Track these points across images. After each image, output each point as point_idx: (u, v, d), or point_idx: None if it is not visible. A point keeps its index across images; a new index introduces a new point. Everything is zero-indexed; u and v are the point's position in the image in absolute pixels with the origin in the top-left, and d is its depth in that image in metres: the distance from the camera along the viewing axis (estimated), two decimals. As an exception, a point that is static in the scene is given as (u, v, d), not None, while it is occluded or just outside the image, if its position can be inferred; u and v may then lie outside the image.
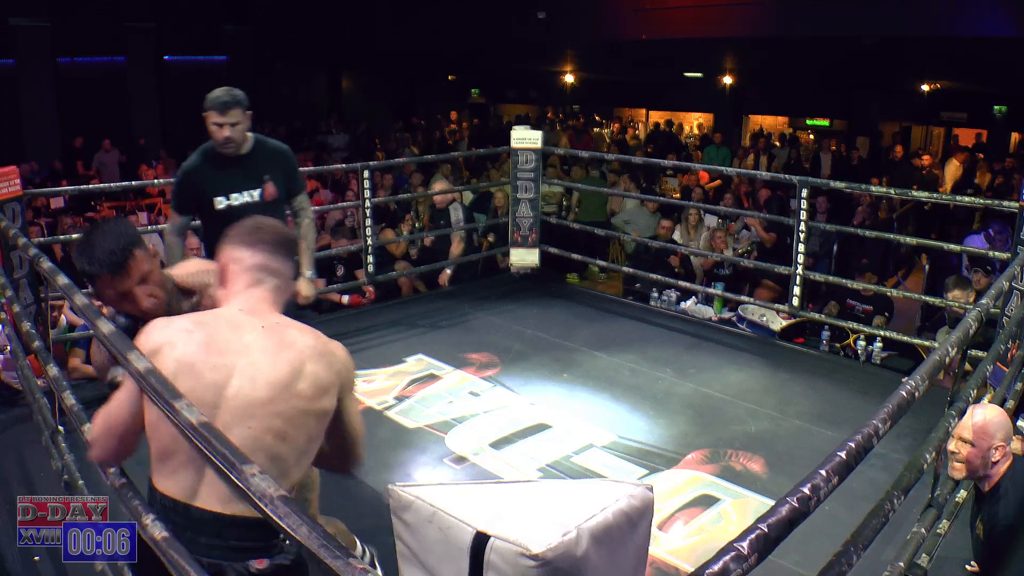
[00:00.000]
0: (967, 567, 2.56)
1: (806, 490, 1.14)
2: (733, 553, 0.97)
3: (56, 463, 2.54)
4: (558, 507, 1.09)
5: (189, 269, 2.03)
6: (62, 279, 2.23)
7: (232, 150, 3.00)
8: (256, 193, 3.06)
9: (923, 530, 2.01)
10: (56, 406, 2.62)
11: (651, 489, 1.13)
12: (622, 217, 7.48)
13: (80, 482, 2.25)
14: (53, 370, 2.33)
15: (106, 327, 1.69)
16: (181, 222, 3.14)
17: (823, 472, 1.19)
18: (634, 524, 1.10)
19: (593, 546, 1.03)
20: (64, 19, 12.59)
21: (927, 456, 1.87)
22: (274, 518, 1.03)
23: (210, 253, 3.02)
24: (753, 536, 1.01)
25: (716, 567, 0.95)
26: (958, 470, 2.23)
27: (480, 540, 1.03)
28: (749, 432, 3.64)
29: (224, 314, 1.56)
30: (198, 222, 3.19)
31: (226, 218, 2.91)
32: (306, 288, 3.19)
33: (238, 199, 3.03)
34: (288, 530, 1.01)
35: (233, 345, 1.47)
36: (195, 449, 1.22)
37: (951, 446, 2.22)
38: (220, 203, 3.02)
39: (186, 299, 1.94)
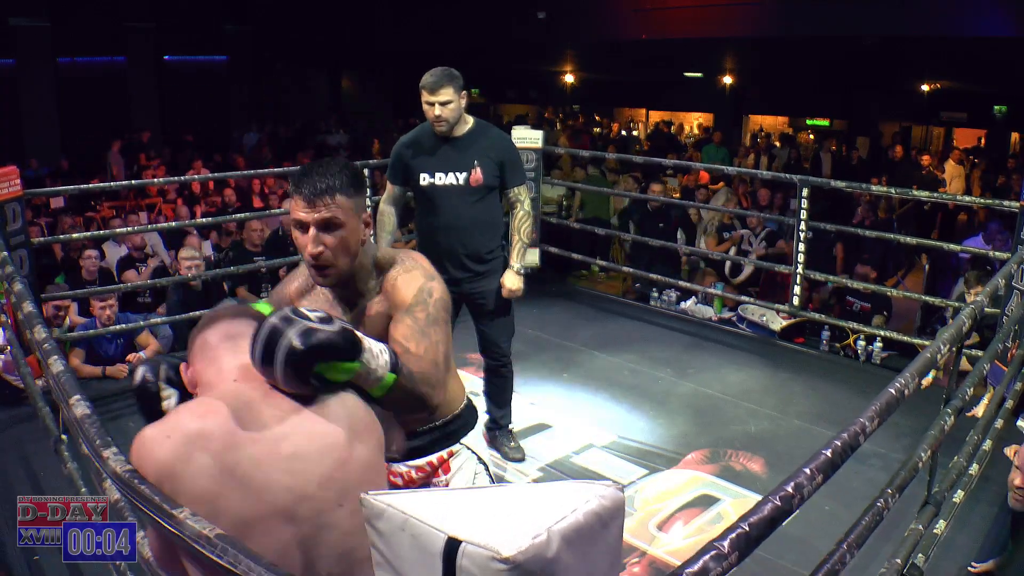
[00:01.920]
0: (970, 568, 2.56)
1: (789, 488, 1.14)
2: (713, 552, 0.97)
3: (69, 466, 2.54)
4: (529, 510, 1.09)
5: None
6: (28, 307, 2.23)
7: (444, 129, 2.98)
8: (462, 176, 3.02)
9: (920, 527, 2.01)
10: (60, 413, 2.61)
11: (622, 489, 1.14)
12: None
13: (83, 489, 2.25)
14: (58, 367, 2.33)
15: (56, 367, 1.67)
16: (394, 192, 3.17)
17: (807, 470, 1.20)
18: (606, 524, 1.10)
19: (564, 548, 1.03)
20: (64, 19, 12.60)
21: (922, 455, 1.87)
22: (212, 558, 1.01)
23: (419, 232, 3.18)
24: (734, 535, 1.01)
25: (696, 566, 0.95)
26: (1020, 502, 2.23)
27: (452, 545, 1.03)
28: (749, 432, 3.65)
29: None
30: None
31: (428, 197, 3.06)
32: (512, 281, 3.12)
33: (442, 180, 3.02)
34: (229, 567, 1.00)
35: None
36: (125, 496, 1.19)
37: (1017, 481, 2.22)
38: (424, 180, 3.03)
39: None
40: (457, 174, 3.02)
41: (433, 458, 1.78)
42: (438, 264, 3.06)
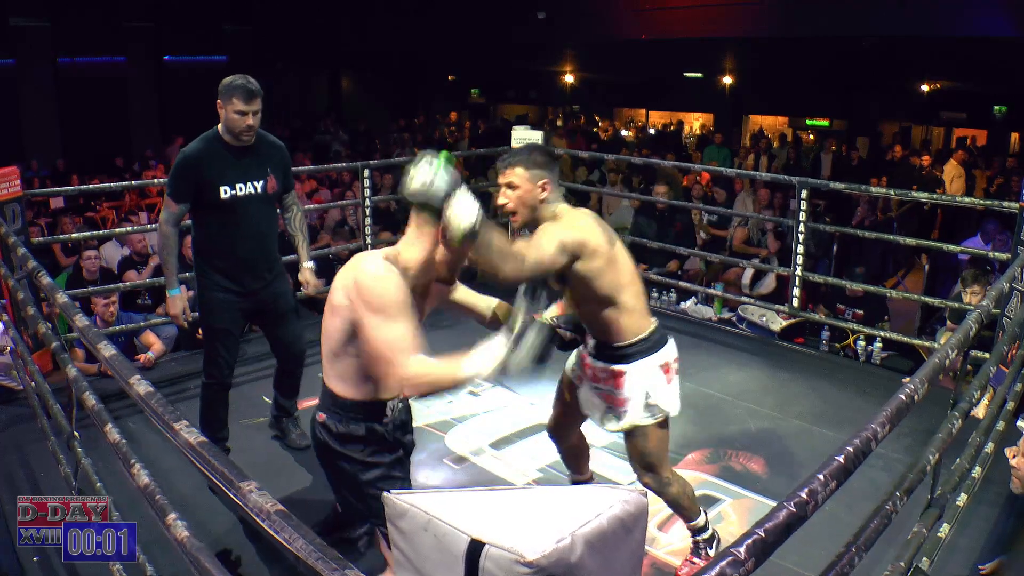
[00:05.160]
0: (980, 569, 2.55)
1: (803, 495, 1.14)
2: (730, 558, 0.97)
3: (64, 469, 2.53)
4: (553, 513, 1.09)
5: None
6: (61, 297, 2.24)
7: (249, 139, 2.97)
8: (260, 185, 3.03)
9: (924, 530, 2.00)
10: (73, 409, 2.60)
11: (646, 494, 1.13)
12: (615, 220, 7.42)
13: (99, 484, 2.24)
14: (72, 371, 2.33)
15: (108, 351, 1.71)
16: (179, 210, 2.98)
17: (821, 476, 1.19)
18: (629, 530, 1.10)
19: (588, 552, 1.03)
20: (64, 19, 12.60)
21: (930, 457, 1.86)
22: (269, 531, 1.04)
23: (207, 242, 3.07)
24: (750, 541, 1.01)
25: (713, 572, 0.95)
26: (1019, 486, 2.23)
27: (475, 547, 1.03)
28: (749, 432, 3.64)
29: None
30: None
31: (228, 210, 2.98)
32: (314, 277, 3.27)
33: (243, 190, 2.99)
34: (284, 543, 1.01)
35: None
36: (194, 466, 1.28)
37: (1013, 461, 2.22)
38: (225, 192, 2.95)
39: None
40: (255, 183, 3.01)
41: (613, 367, 2.36)
42: (235, 279, 3.07)
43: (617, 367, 2.36)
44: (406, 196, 1.94)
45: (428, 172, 1.89)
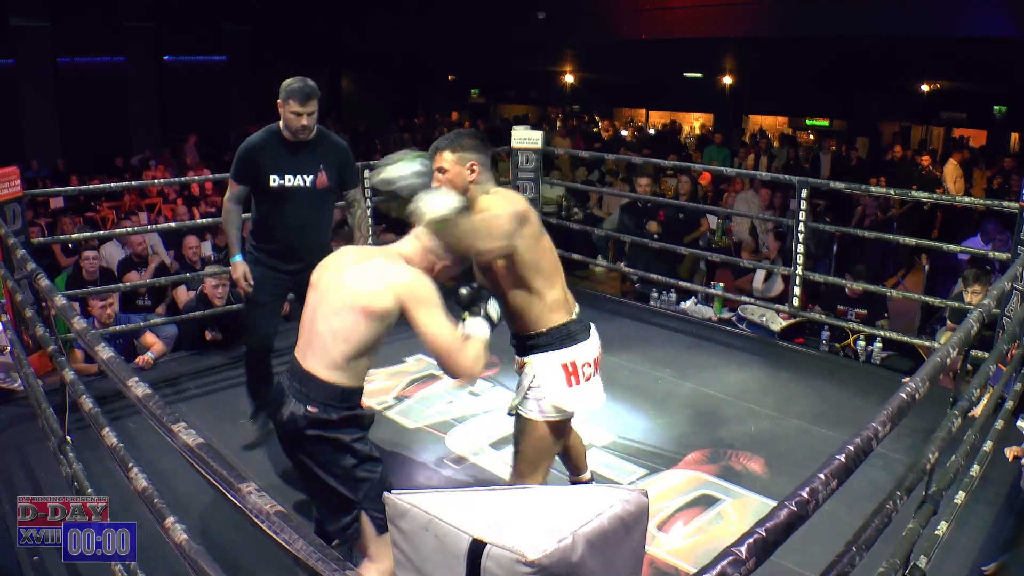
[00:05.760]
0: (983, 569, 2.55)
1: (804, 494, 1.14)
2: (731, 558, 0.97)
3: (65, 469, 2.53)
4: (554, 513, 1.09)
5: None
6: (59, 300, 2.24)
7: (305, 137, 3.19)
8: (310, 179, 3.23)
9: (919, 527, 2.00)
10: (66, 413, 2.60)
11: (646, 494, 1.14)
12: (613, 220, 7.40)
13: (90, 490, 2.24)
14: (69, 374, 2.32)
15: (105, 353, 1.72)
16: (239, 191, 3.28)
17: (822, 475, 1.19)
18: (629, 529, 1.11)
19: (589, 552, 1.03)
20: (64, 19, 12.61)
21: (930, 456, 1.86)
22: (269, 533, 1.04)
23: (258, 224, 3.32)
24: (751, 540, 1.01)
25: (714, 572, 0.95)
26: None
27: (476, 547, 1.04)
28: (749, 432, 3.64)
29: None
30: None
31: (276, 197, 3.22)
32: None
33: (291, 181, 3.21)
34: (284, 545, 1.02)
35: None
36: (193, 468, 1.28)
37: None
38: (274, 181, 3.18)
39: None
40: (305, 176, 3.23)
41: (520, 359, 2.41)
42: (276, 256, 3.28)
43: (519, 359, 2.41)
44: (374, 186, 2.11)
45: (398, 167, 2.08)
